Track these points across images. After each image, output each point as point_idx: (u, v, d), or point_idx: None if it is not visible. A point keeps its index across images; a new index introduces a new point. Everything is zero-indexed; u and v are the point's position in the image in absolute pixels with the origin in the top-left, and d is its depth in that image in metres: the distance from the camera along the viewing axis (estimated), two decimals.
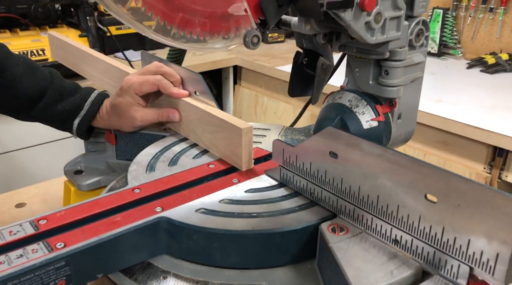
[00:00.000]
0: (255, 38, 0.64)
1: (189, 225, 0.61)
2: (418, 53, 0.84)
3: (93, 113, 0.87)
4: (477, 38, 2.32)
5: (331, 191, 0.62)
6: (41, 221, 0.61)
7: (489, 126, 1.55)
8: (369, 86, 0.84)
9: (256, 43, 0.64)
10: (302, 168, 0.66)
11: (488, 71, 2.12)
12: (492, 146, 1.56)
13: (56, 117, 0.87)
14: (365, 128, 0.84)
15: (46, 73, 0.88)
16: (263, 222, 0.61)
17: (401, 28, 0.72)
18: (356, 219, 0.60)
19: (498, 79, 2.06)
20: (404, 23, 0.75)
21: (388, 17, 0.69)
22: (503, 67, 2.12)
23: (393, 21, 0.71)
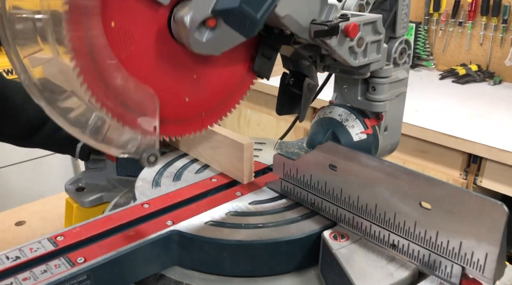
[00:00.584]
0: (152, 157, 0.58)
1: (200, 237, 0.65)
2: (401, 70, 0.91)
3: None
4: (448, 50, 2.43)
5: (331, 201, 0.67)
6: (58, 238, 0.64)
7: (464, 134, 1.64)
8: (357, 101, 0.90)
9: (153, 162, 0.58)
10: (302, 180, 0.71)
11: (459, 82, 2.22)
12: (467, 153, 1.64)
13: (59, 142, 0.89)
14: (355, 140, 0.89)
15: None
16: (269, 232, 0.66)
17: (381, 51, 0.78)
18: (355, 226, 0.65)
19: (469, 89, 2.17)
20: (384, 45, 0.82)
21: (369, 41, 0.74)
22: (473, 77, 2.23)
23: (373, 44, 0.77)
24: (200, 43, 0.54)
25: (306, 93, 0.79)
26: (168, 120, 0.63)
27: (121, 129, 0.56)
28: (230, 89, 0.68)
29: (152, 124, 0.57)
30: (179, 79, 0.62)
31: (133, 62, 0.56)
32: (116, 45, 0.54)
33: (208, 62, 0.63)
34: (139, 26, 0.55)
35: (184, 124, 0.65)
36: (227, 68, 0.66)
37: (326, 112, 0.93)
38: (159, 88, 0.59)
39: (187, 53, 0.57)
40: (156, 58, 0.58)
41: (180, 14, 0.54)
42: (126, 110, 0.56)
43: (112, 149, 0.57)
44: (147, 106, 0.58)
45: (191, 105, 0.65)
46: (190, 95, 0.64)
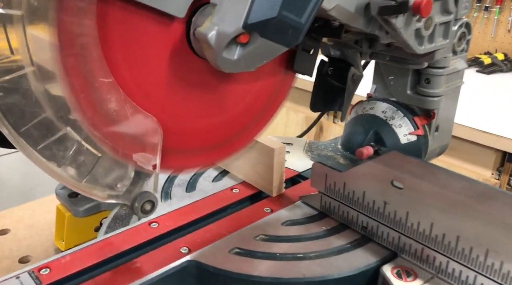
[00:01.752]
0: (148, 205, 0.45)
1: (225, 272, 0.51)
2: (459, 59, 0.76)
3: None
4: (472, 38, 2.27)
5: (391, 226, 0.53)
6: (43, 271, 0.50)
7: (497, 130, 1.49)
8: (405, 95, 0.75)
9: (148, 211, 0.46)
10: (351, 197, 0.56)
11: (484, 72, 2.06)
12: (501, 151, 1.50)
13: None
14: (402, 143, 0.75)
15: None
16: (312, 265, 0.52)
17: (449, 35, 0.63)
18: (425, 261, 0.50)
19: (496, 79, 2.01)
20: (453, 28, 0.67)
21: (438, 22, 0.59)
22: (499, 67, 2.07)
23: (441, 27, 0.62)
24: (230, 62, 0.42)
25: (350, 86, 0.64)
26: (189, 150, 0.50)
27: (110, 163, 0.42)
28: (265, 101, 0.54)
29: (151, 162, 0.44)
30: (202, 100, 0.49)
31: (139, 84, 0.43)
32: (116, 64, 0.41)
33: (237, 74, 0.49)
34: (147, 46, 0.43)
35: (208, 152, 0.52)
36: (260, 77, 0.52)
37: (367, 108, 0.79)
38: (176, 113, 0.47)
39: (211, 68, 0.45)
40: (170, 76, 0.45)
41: (202, 31, 0.42)
42: (118, 141, 0.42)
43: (95, 190, 0.43)
44: (146, 138, 0.44)
45: (217, 128, 0.51)
46: (216, 116, 0.51)
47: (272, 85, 0.54)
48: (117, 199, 0.44)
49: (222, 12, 0.41)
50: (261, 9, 0.41)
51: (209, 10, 0.44)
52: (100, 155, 0.42)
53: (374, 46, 0.63)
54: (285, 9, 0.42)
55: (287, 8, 0.42)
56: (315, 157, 0.77)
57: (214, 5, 0.42)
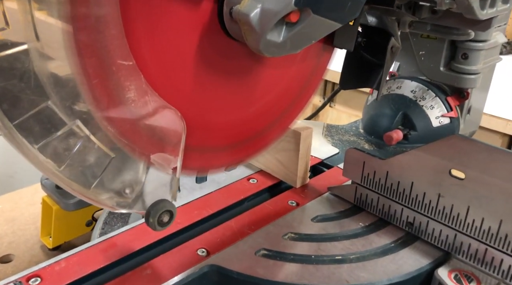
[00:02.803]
0: (166, 216, 0.38)
1: (253, 279, 0.42)
2: (499, 32, 0.68)
3: None
4: None
5: (445, 222, 0.45)
6: (32, 281, 0.41)
7: (506, 114, 1.43)
8: (438, 73, 0.68)
9: (166, 223, 0.38)
10: (395, 189, 0.48)
11: None
12: (508, 135, 1.44)
13: None
14: (434, 126, 0.67)
15: None
16: (355, 270, 0.44)
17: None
18: (488, 263, 0.43)
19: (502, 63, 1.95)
20: None
21: None
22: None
23: None
24: (275, 45, 0.36)
25: (389, 59, 0.56)
26: (218, 147, 0.43)
27: (118, 164, 0.34)
28: (301, 84, 0.46)
29: (171, 164, 0.37)
30: (233, 88, 0.42)
31: (163, 71, 0.36)
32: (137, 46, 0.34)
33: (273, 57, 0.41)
34: (173, 26, 0.35)
35: (240, 148, 0.45)
36: (297, 58, 0.44)
37: (393, 87, 0.71)
38: (205, 104, 0.40)
39: (245, 51, 0.39)
40: (199, 62, 0.38)
41: (243, 10, 0.34)
42: (136, 138, 0.35)
43: (102, 196, 0.34)
44: (167, 135, 0.36)
45: (249, 120, 0.44)
46: (248, 106, 0.44)
47: (308, 65, 0.46)
48: (129, 208, 0.35)
49: None
50: None
51: None
52: (113, 156, 0.33)
53: (419, 13, 0.54)
54: None
55: None
56: (336, 143, 0.69)
57: None
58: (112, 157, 0.34)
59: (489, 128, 1.44)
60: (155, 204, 0.35)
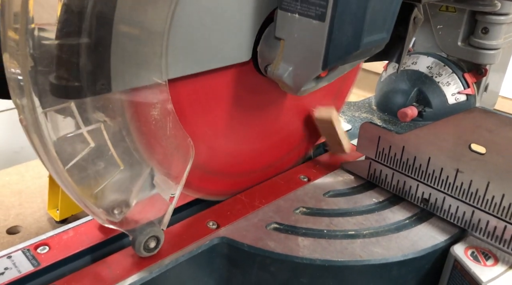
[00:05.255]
0: (152, 242, 0.38)
1: (264, 252, 0.41)
2: None
3: None
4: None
5: (462, 199, 0.44)
6: (40, 249, 0.40)
7: None
8: (456, 48, 0.66)
9: (152, 249, 0.38)
10: (411, 164, 0.47)
11: None
12: None
13: None
14: (450, 103, 0.66)
15: None
16: (369, 245, 0.43)
17: None
18: (507, 241, 0.42)
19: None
20: None
21: None
22: None
23: None
24: (309, 90, 0.39)
25: (411, 31, 0.54)
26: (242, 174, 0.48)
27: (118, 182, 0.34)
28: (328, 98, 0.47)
29: (171, 190, 0.37)
30: (263, 116, 0.46)
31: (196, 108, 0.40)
32: None
33: None
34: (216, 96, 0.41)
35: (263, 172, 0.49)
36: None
37: (408, 63, 0.69)
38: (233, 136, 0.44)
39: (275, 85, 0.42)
40: (231, 100, 0.42)
41: (276, 72, 0.38)
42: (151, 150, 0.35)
43: (95, 209, 0.34)
44: (175, 159, 0.37)
45: (281, 144, 0.50)
46: (279, 132, 0.48)
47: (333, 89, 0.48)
48: (117, 226, 0.35)
49: (293, 49, 0.36)
50: (341, 44, 0.35)
51: (274, 42, 0.38)
52: (122, 168, 0.33)
53: None
54: (367, 36, 0.36)
55: (369, 33, 0.36)
56: (349, 119, 0.68)
57: (279, 39, 0.37)
58: (120, 169, 0.33)
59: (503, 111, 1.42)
60: (142, 229, 0.35)
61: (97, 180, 0.32)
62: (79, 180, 0.32)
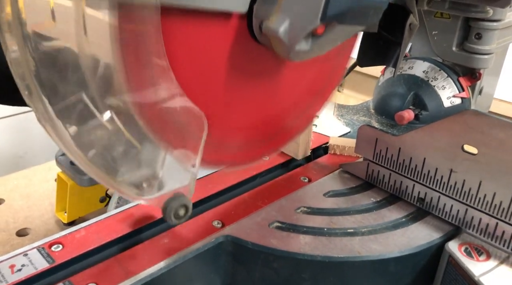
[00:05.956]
0: (182, 210, 0.39)
1: (267, 249, 0.44)
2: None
3: None
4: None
5: (456, 197, 0.46)
6: (54, 247, 0.42)
7: None
8: (451, 53, 0.68)
9: (182, 216, 0.39)
10: (407, 165, 0.49)
11: None
12: None
13: None
14: (446, 106, 0.68)
15: None
16: (367, 242, 0.45)
17: None
18: (498, 237, 0.44)
19: None
20: None
21: None
22: None
23: None
24: (303, 53, 0.38)
25: (407, 37, 0.56)
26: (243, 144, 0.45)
27: (142, 158, 0.36)
28: (323, 80, 0.47)
29: (191, 160, 0.38)
30: (260, 89, 0.43)
31: (194, 76, 0.38)
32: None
33: None
34: (207, 45, 0.38)
35: (269, 141, 0.46)
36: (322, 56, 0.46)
37: (405, 68, 0.71)
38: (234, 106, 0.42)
39: (273, 54, 0.40)
40: (229, 69, 0.40)
41: (272, 26, 0.37)
42: (162, 132, 0.35)
43: (123, 187, 0.35)
44: (190, 133, 0.38)
45: (273, 118, 0.46)
46: (274, 105, 0.45)
47: (332, 59, 0.48)
48: (147, 201, 0.37)
49: (290, 8, 0.36)
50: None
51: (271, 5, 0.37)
52: (139, 148, 0.35)
53: None
54: None
55: None
56: (347, 122, 0.70)
57: None
58: (138, 150, 0.35)
59: (499, 113, 1.44)
60: (171, 199, 0.37)
61: (120, 162, 0.34)
62: (103, 166, 0.34)
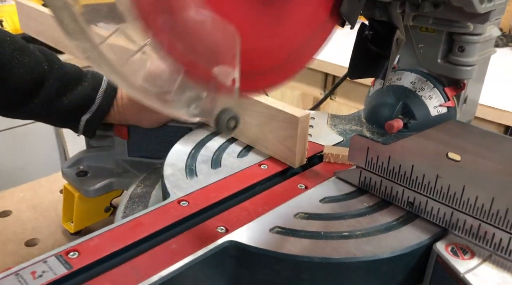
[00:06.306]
0: (233, 121, 0.43)
1: (269, 252, 0.47)
2: (493, 26, 0.73)
3: (106, 107, 0.69)
4: None
5: (443, 201, 0.50)
6: (71, 254, 0.46)
7: (500, 104, 1.48)
8: (436, 65, 0.72)
9: (233, 127, 0.43)
10: (397, 171, 0.53)
11: None
12: (504, 125, 1.49)
13: (58, 114, 0.67)
14: (433, 115, 0.72)
15: (38, 54, 0.67)
16: (362, 244, 0.48)
17: None
18: (481, 237, 0.48)
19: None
20: None
21: None
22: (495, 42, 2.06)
23: None
24: None
25: (395, 51, 0.60)
26: (260, 70, 0.46)
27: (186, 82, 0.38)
28: (309, 34, 0.49)
29: (230, 75, 0.40)
30: (262, 16, 0.44)
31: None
32: None
33: None
34: None
35: (256, 78, 0.47)
36: (310, 4, 0.48)
37: (393, 79, 0.75)
38: (249, 31, 0.43)
39: None
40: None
41: None
42: (193, 55, 0.38)
43: (174, 109, 0.39)
44: (224, 50, 0.40)
45: (271, 51, 0.47)
46: (271, 37, 0.46)
47: (316, 19, 0.49)
48: (200, 117, 0.40)
49: None
50: None
51: None
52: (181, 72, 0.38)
53: (422, 7, 0.59)
54: None
55: None
56: (340, 131, 0.73)
57: None
58: (180, 74, 0.38)
59: (485, 118, 1.49)
60: (222, 112, 0.40)
61: (167, 86, 0.38)
62: (154, 91, 0.37)
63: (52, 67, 0.66)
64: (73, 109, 0.67)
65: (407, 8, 0.62)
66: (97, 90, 0.68)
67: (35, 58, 0.65)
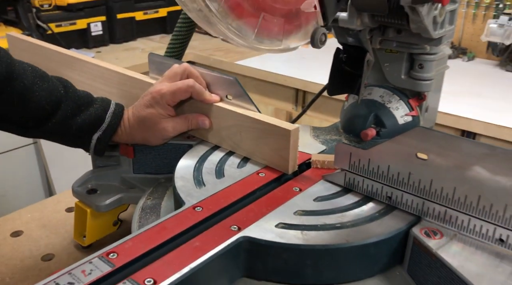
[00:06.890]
0: (323, 36, 0.62)
1: (278, 244, 0.56)
2: (445, 46, 0.85)
3: (115, 126, 0.77)
4: None
5: (415, 193, 0.60)
6: (111, 255, 0.54)
7: (456, 111, 1.63)
8: (400, 80, 0.84)
9: (324, 41, 0.62)
10: (376, 171, 0.63)
11: None
12: (460, 130, 1.64)
13: (72, 133, 0.76)
14: (400, 123, 0.83)
15: (55, 80, 0.76)
16: (352, 233, 0.58)
17: (454, 21, 0.72)
18: (448, 221, 0.58)
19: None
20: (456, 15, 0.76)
21: (448, 10, 0.68)
22: None
23: (449, 14, 0.71)
24: None
25: (366, 70, 0.72)
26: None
27: None
28: None
29: (312, 5, 0.57)
30: None
31: None
32: None
33: None
34: None
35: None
36: None
37: (365, 94, 0.86)
38: None
39: None
40: None
41: None
42: None
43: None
44: None
45: None
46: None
47: None
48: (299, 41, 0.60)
49: None
50: None
51: None
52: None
53: (387, 33, 0.70)
54: None
55: None
56: (322, 141, 0.84)
57: None
58: None
59: (444, 124, 1.64)
60: (315, 31, 0.59)
61: None
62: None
63: (67, 91, 0.75)
64: (85, 128, 0.75)
65: (374, 34, 0.73)
66: (106, 111, 0.77)
67: (52, 83, 0.74)
